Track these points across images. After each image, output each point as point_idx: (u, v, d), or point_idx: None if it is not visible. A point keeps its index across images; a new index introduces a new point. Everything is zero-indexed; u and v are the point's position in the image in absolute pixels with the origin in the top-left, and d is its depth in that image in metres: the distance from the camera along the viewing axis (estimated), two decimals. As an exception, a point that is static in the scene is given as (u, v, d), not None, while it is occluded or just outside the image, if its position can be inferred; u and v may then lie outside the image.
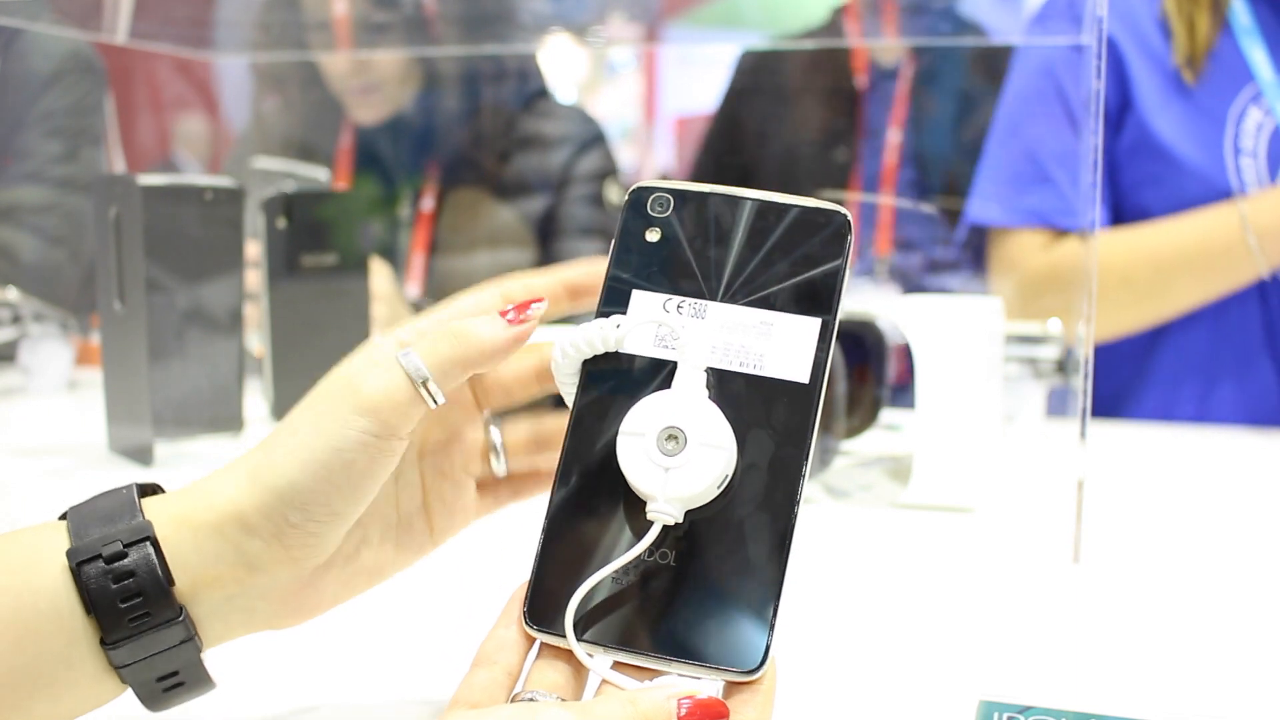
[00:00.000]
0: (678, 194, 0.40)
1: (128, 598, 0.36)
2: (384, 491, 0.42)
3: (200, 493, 0.38)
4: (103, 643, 0.36)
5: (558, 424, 0.47)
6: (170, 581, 0.36)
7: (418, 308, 1.27)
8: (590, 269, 0.42)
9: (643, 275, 0.39)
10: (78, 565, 0.36)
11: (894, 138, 1.73)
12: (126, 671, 0.37)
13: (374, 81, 1.42)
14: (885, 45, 1.65)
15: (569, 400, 0.39)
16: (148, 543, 0.36)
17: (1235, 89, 1.15)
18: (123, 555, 0.36)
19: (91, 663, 0.36)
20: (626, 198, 0.40)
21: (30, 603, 0.35)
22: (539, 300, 0.40)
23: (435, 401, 0.38)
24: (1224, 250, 1.09)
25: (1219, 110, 1.14)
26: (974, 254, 1.29)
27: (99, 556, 0.36)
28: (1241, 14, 1.15)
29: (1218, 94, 1.15)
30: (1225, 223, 1.09)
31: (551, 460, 0.45)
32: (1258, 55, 1.14)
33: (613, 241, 0.40)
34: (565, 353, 0.38)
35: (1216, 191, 1.13)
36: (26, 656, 0.35)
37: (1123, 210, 1.17)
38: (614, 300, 0.39)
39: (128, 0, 1.13)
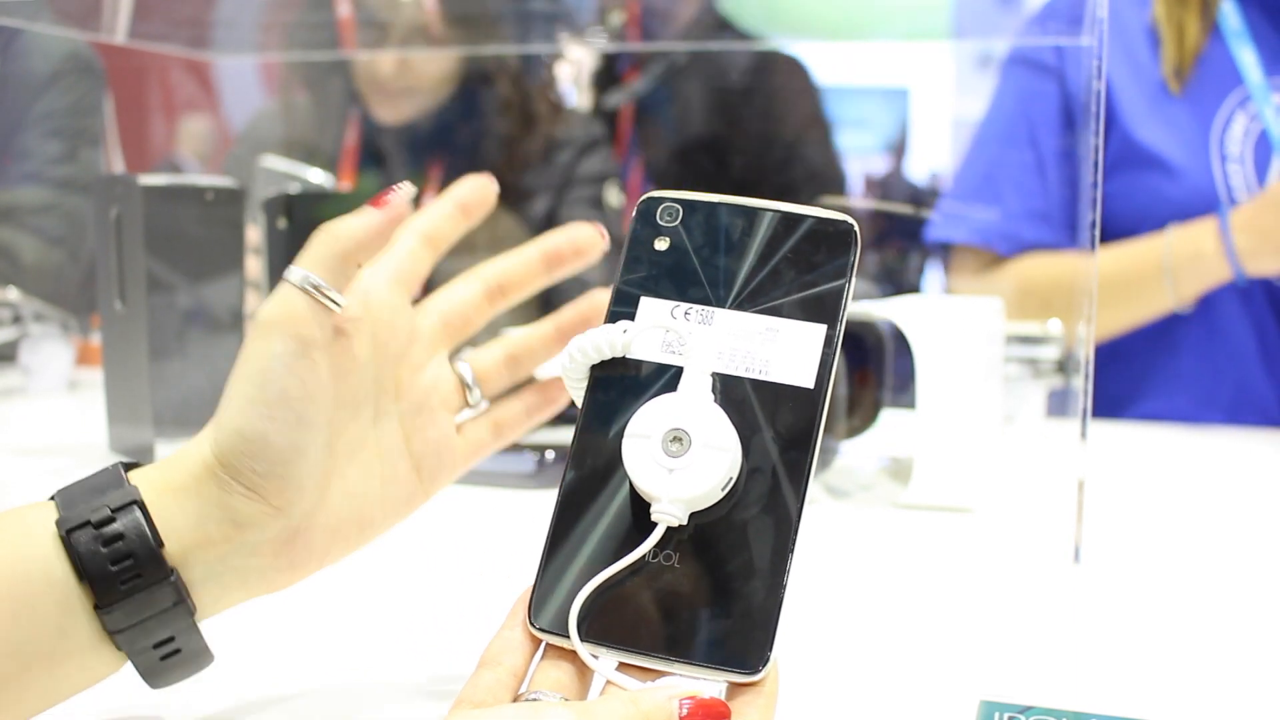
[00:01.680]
0: (687, 204, 0.40)
1: (118, 560, 0.36)
2: (360, 435, 0.43)
3: (178, 457, 0.39)
4: (96, 608, 0.37)
5: (525, 341, 0.49)
6: (159, 543, 0.37)
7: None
8: (567, 236, 0.47)
9: (651, 283, 0.40)
10: (68, 533, 0.36)
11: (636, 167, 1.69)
12: (122, 638, 0.37)
13: (412, 85, 1.41)
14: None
15: (580, 402, 0.40)
16: (135, 506, 0.37)
17: (1222, 95, 1.15)
18: (111, 520, 0.37)
19: (87, 631, 0.37)
20: (637, 207, 0.41)
21: (23, 575, 0.36)
22: (401, 188, 0.42)
23: (334, 303, 0.39)
24: (1138, 281, 1.12)
25: (1205, 117, 1.15)
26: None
27: (88, 523, 0.37)
28: (1231, 16, 1.15)
29: (1204, 101, 1.15)
30: (1144, 255, 1.12)
31: (528, 381, 0.48)
32: (1247, 57, 1.14)
33: (623, 250, 0.41)
34: (573, 357, 0.39)
35: (1204, 199, 1.13)
36: (22, 629, 0.36)
37: (1109, 222, 1.17)
38: (623, 307, 0.40)
39: (127, 0, 1.13)
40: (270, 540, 0.39)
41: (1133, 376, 1.21)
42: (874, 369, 0.85)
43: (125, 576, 0.36)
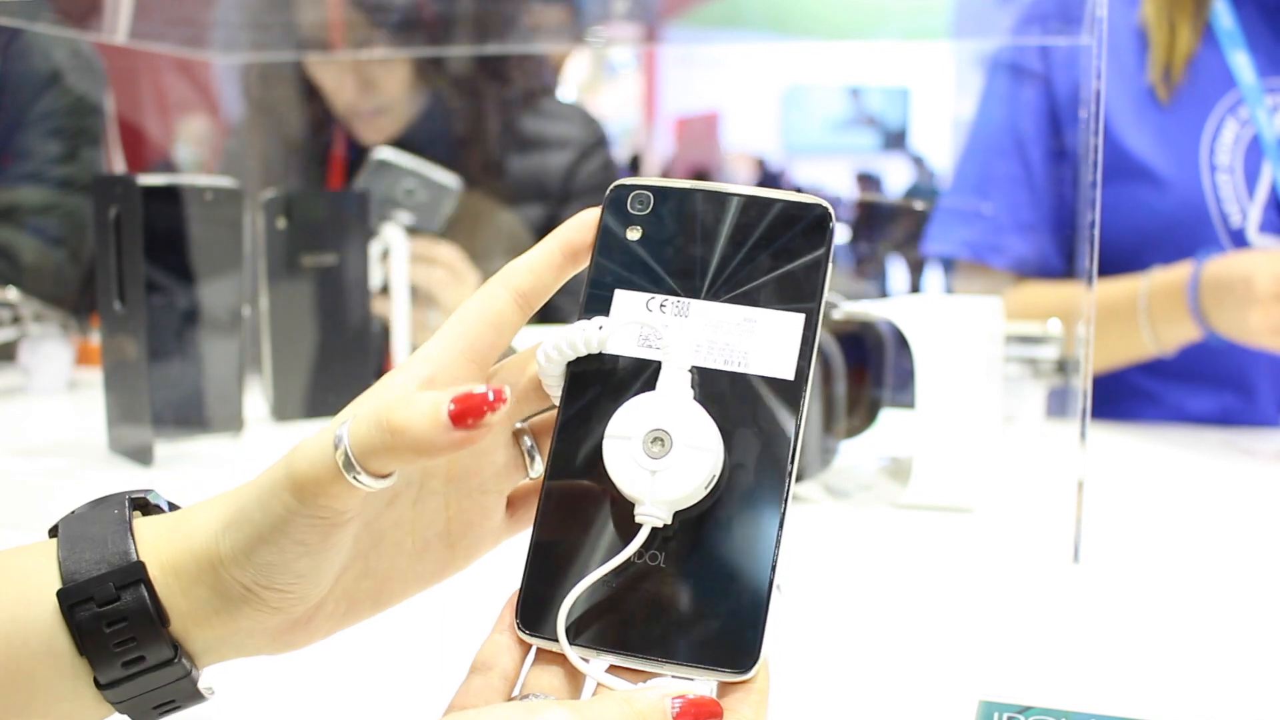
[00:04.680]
0: (657, 191, 0.39)
1: (122, 642, 0.35)
2: (394, 518, 0.39)
3: (185, 531, 0.37)
4: (96, 683, 0.36)
5: None
6: (165, 622, 0.36)
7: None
8: (582, 223, 0.40)
9: (625, 274, 0.38)
10: (70, 607, 0.35)
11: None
12: (122, 706, 0.37)
13: (382, 104, 1.39)
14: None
15: (556, 401, 0.39)
16: (141, 585, 0.35)
17: (1212, 101, 1.13)
18: (115, 598, 0.35)
19: (85, 696, 0.36)
20: (607, 196, 0.40)
21: (21, 642, 0.35)
22: (495, 403, 0.33)
23: (370, 486, 0.34)
24: (1118, 326, 1.08)
25: (1195, 126, 1.13)
26: None
27: (91, 599, 0.35)
28: (1224, 16, 1.14)
29: (1194, 108, 1.13)
30: (1124, 298, 1.07)
31: None
32: (1240, 59, 1.12)
33: (594, 240, 0.39)
34: (549, 356, 0.38)
35: (1194, 211, 1.12)
36: (20, 695, 0.35)
37: (1101, 233, 1.17)
38: (596, 299, 0.38)
39: (128, 0, 1.13)
40: (267, 630, 0.37)
41: (1137, 377, 1.20)
42: (873, 369, 0.85)
43: (127, 657, 0.35)
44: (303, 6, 1.32)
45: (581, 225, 0.40)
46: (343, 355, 1.02)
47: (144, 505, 0.39)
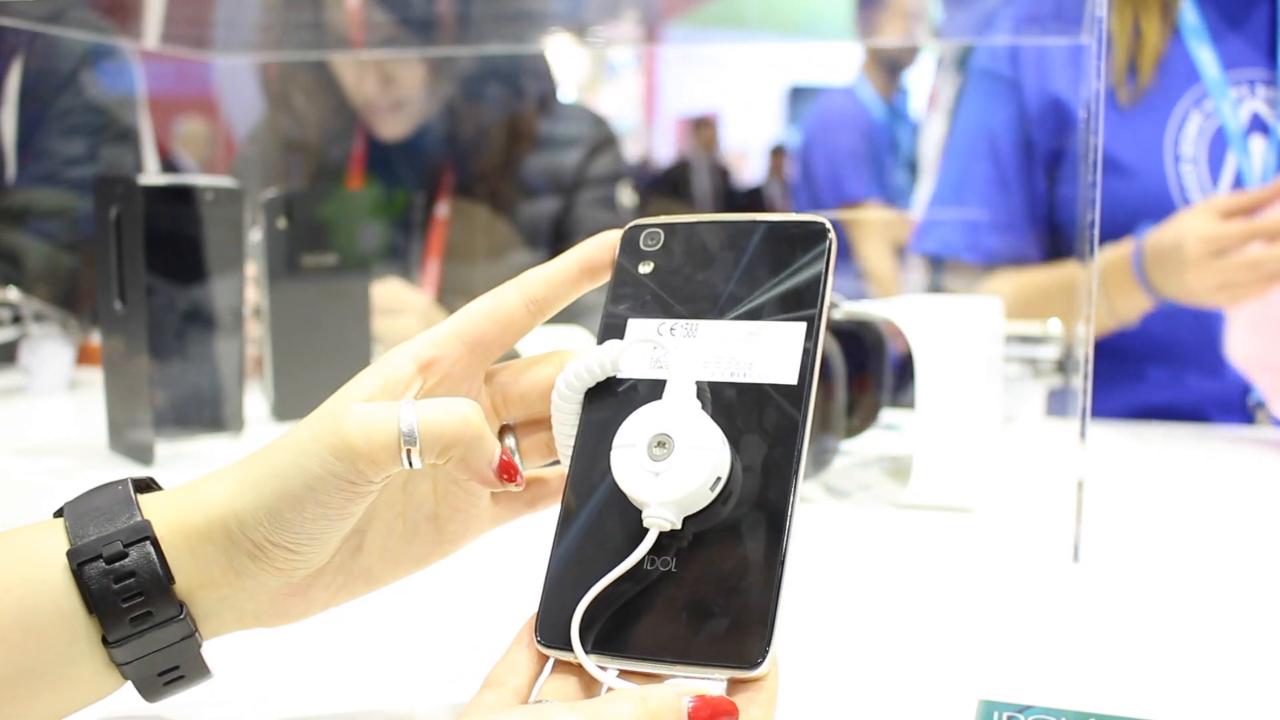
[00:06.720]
0: (667, 227, 0.42)
1: (129, 597, 0.36)
2: (389, 501, 0.42)
3: (194, 495, 0.38)
4: (105, 641, 0.37)
5: None
6: (171, 580, 0.37)
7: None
8: (602, 242, 0.42)
9: (638, 305, 0.41)
10: (79, 565, 0.36)
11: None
12: (128, 668, 0.37)
13: (401, 98, 1.41)
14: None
15: (559, 439, 0.41)
16: (147, 542, 0.37)
17: (1177, 95, 1.15)
18: (123, 555, 0.36)
19: (94, 660, 0.37)
20: (621, 237, 0.42)
21: (32, 604, 0.36)
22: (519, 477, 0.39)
23: (413, 465, 0.37)
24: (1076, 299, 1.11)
25: (1159, 119, 1.15)
26: None
27: (99, 557, 0.36)
28: (1188, 13, 1.15)
29: (1159, 102, 1.16)
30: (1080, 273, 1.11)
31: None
32: (1204, 54, 1.14)
33: (610, 278, 0.42)
34: (570, 384, 0.40)
35: (1158, 201, 1.14)
36: (30, 656, 0.36)
37: (1070, 226, 1.19)
38: (611, 334, 0.41)
39: (158, 3, 1.13)
40: (269, 591, 0.39)
41: (1129, 369, 1.21)
42: (873, 369, 0.85)
43: (135, 613, 0.36)
44: (325, 6, 1.32)
45: (603, 244, 0.43)
46: (342, 355, 1.02)
47: (146, 489, 0.40)
